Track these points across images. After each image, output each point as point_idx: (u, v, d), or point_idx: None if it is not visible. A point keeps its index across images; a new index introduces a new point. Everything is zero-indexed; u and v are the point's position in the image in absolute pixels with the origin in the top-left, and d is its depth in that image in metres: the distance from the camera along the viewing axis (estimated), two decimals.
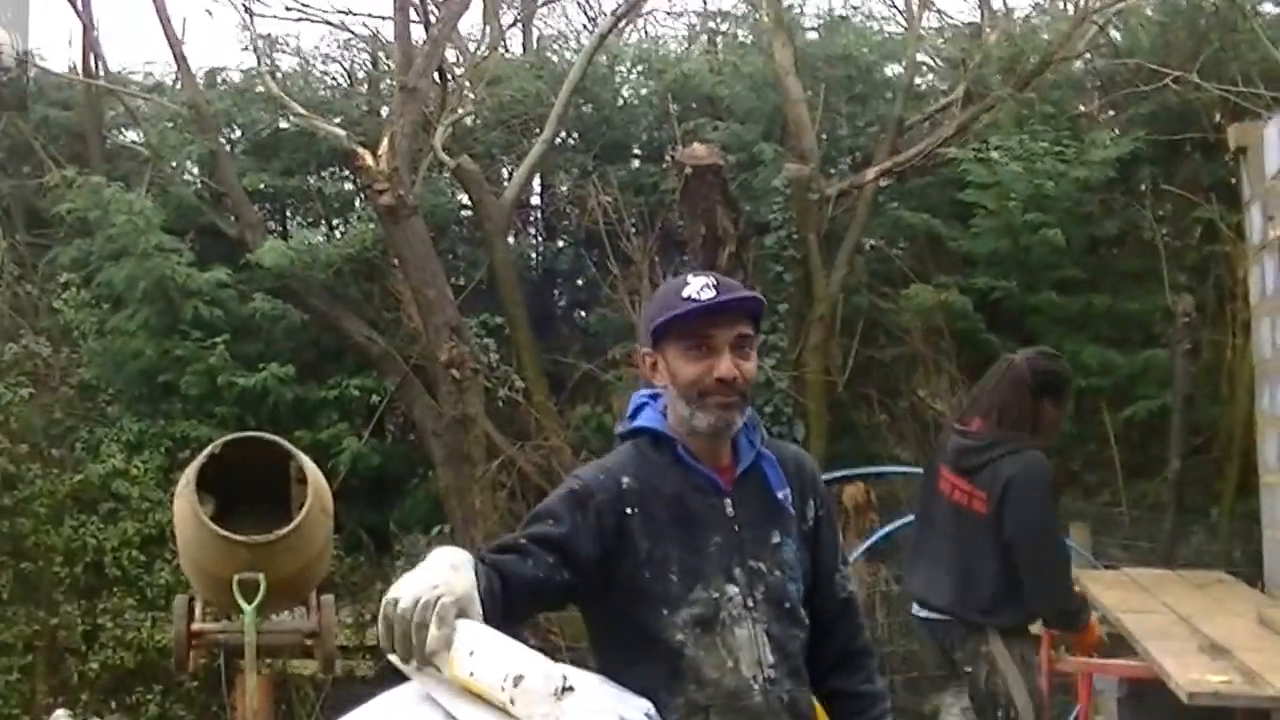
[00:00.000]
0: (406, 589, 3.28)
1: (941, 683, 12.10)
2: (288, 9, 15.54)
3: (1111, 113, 14.38)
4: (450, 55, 14.99)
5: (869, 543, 12.24)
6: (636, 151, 16.15)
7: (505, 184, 14.90)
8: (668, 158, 13.40)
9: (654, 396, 4.09)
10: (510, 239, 15.16)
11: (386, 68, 16.16)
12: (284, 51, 16.52)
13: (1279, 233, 9.57)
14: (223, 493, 8.89)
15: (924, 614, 7.44)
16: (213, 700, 12.32)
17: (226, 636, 9.11)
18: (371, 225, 14.19)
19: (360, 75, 16.65)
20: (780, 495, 4.09)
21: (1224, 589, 9.99)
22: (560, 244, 15.38)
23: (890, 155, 13.73)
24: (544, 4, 16.51)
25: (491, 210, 14.11)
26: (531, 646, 3.38)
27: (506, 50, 16.49)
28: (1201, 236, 14.06)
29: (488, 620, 3.39)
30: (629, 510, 3.87)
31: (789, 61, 13.73)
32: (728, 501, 3.98)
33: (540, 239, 16.13)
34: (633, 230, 14.18)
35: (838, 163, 14.39)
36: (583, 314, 14.91)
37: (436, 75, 14.20)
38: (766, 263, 13.29)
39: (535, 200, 16.02)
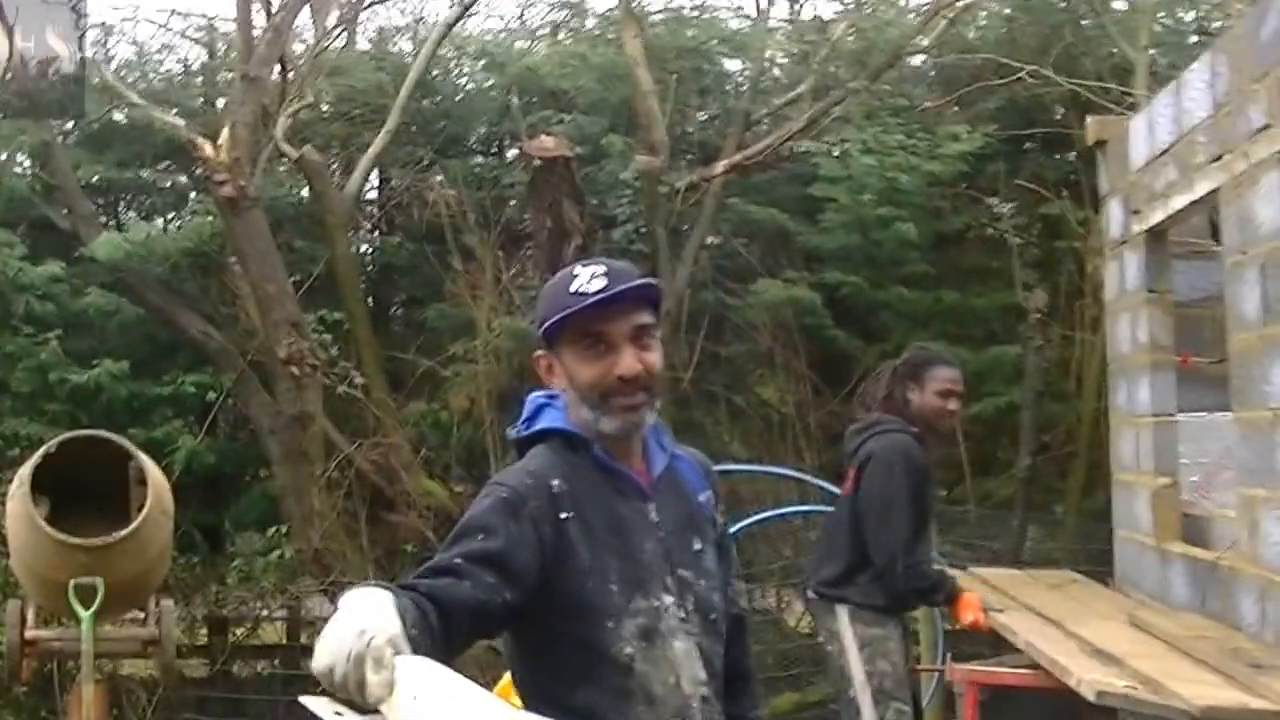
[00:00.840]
0: (331, 649, 2.81)
1: (782, 684, 12.17)
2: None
3: (956, 109, 14.14)
4: (292, 45, 14.43)
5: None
6: (476, 145, 15.82)
7: (344, 177, 14.42)
8: (515, 149, 13.09)
9: (552, 397, 3.70)
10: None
11: (224, 58, 15.60)
12: (120, 41, 15.91)
13: (1145, 226, 9.36)
14: (57, 493, 8.52)
15: (808, 595, 7.68)
16: (43, 705, 11.81)
17: (62, 644, 8.81)
18: (210, 218, 13.70)
19: (196, 66, 16.04)
20: (702, 499, 3.79)
21: (1081, 590, 10.03)
22: (398, 239, 14.83)
23: (738, 149, 13.47)
24: (369, 6, 15.97)
25: (334, 203, 13.63)
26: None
27: (349, 41, 15.95)
28: (1045, 232, 14.00)
29: (428, 654, 2.93)
30: (563, 515, 3.47)
31: (639, 53, 13.34)
32: (651, 507, 3.63)
33: (378, 234, 15.60)
34: (476, 225, 13.71)
35: (684, 157, 13.99)
36: (420, 310, 14.37)
37: (278, 65, 13.73)
38: (614, 257, 12.79)
39: (373, 195, 15.52)
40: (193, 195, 15.07)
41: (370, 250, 15.27)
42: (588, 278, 3.49)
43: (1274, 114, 7.01)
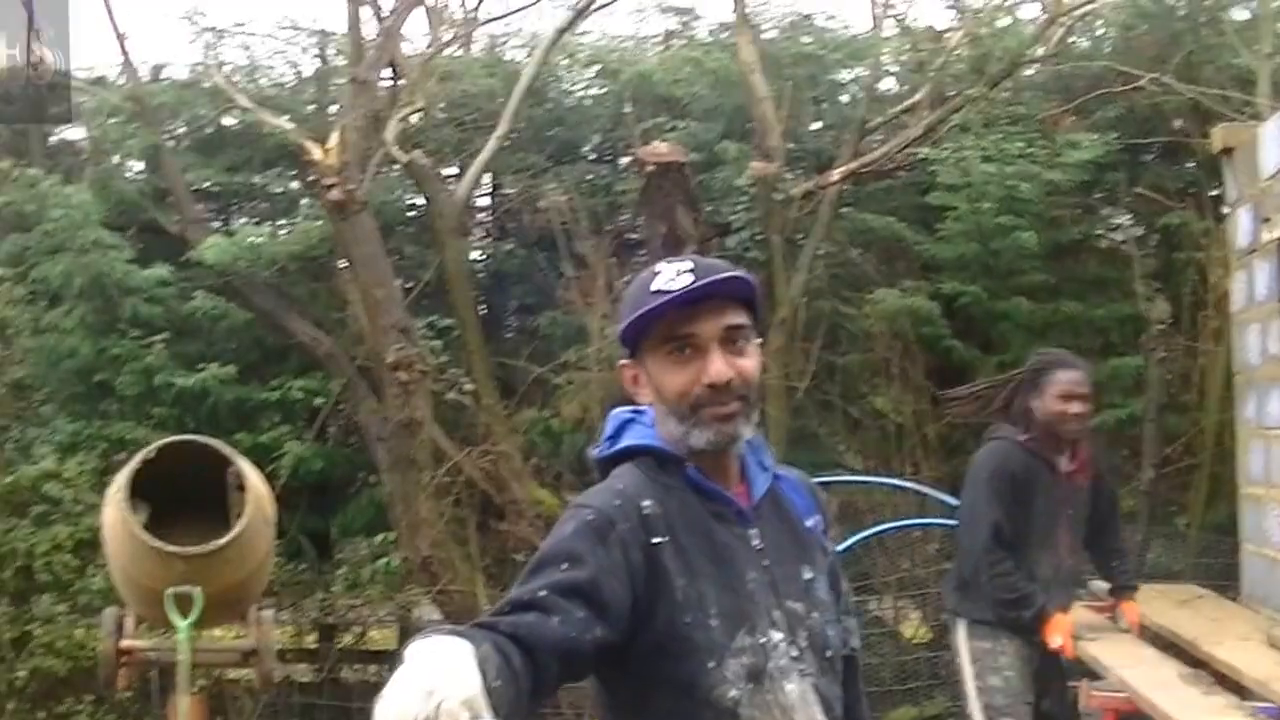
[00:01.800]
0: (394, 713, 2.34)
1: (899, 698, 11.83)
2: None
3: (1074, 118, 13.76)
4: (403, 50, 14.19)
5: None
6: (589, 152, 15.50)
7: (455, 183, 14.12)
8: (629, 155, 12.77)
9: (638, 412, 3.28)
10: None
11: (335, 64, 15.38)
12: (231, 45, 15.72)
13: (1277, 235, 8.94)
14: (157, 499, 8.23)
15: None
16: (145, 711, 11.59)
17: (158, 655, 8.54)
18: (319, 223, 13.47)
19: (308, 72, 15.82)
20: (810, 523, 3.37)
21: (1210, 605, 9.64)
22: (509, 246, 14.54)
23: (853, 157, 13.11)
24: (485, 22, 15.68)
25: (445, 208, 13.33)
26: None
27: (464, 47, 15.68)
28: (1164, 243, 13.67)
29: (513, 709, 2.52)
30: (656, 540, 3.04)
31: (754, 59, 13.06)
32: (753, 532, 3.20)
33: (490, 240, 15.31)
34: (589, 232, 13.39)
35: (799, 164, 13.65)
36: (532, 318, 14.11)
37: (389, 69, 13.47)
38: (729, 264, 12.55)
39: (484, 201, 15.27)
40: (303, 201, 14.91)
41: (482, 257, 14.96)
42: (672, 274, 3.09)
43: None
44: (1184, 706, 6.37)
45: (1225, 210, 10.78)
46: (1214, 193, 13.11)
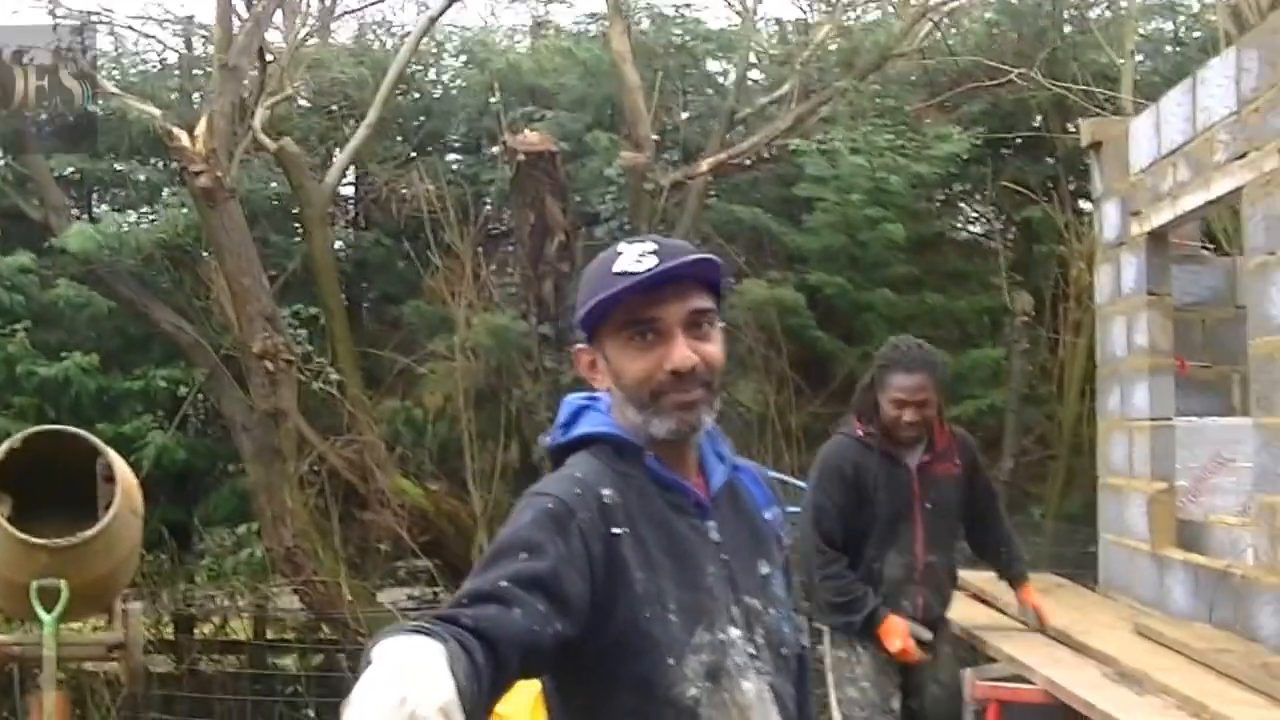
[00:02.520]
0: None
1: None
2: None
3: (939, 112, 13.82)
4: (271, 37, 13.96)
5: None
6: (455, 142, 15.34)
7: (322, 172, 13.94)
8: (496, 146, 12.60)
9: (592, 398, 3.07)
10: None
11: (203, 53, 15.07)
12: (96, 32, 15.37)
13: (1146, 228, 8.94)
14: (21, 491, 8.00)
15: None
16: (4, 705, 11.17)
17: (23, 649, 8.29)
18: (184, 211, 13.20)
19: (174, 59, 15.54)
20: (769, 516, 3.18)
21: (1071, 595, 9.56)
22: (375, 235, 14.34)
23: (722, 148, 13.06)
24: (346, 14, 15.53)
25: (313, 196, 13.16)
26: None
27: (324, 37, 15.46)
28: (1024, 236, 13.79)
29: (475, 708, 2.29)
30: (616, 530, 2.82)
31: (626, 49, 12.93)
32: (711, 525, 2.99)
33: (354, 230, 15.11)
34: (455, 221, 13.21)
35: (668, 155, 13.56)
36: (396, 307, 13.90)
37: (257, 57, 13.21)
38: (597, 254, 12.44)
39: (349, 190, 15.05)
40: (166, 190, 14.48)
41: (346, 246, 14.70)
42: (634, 256, 2.87)
43: None
44: (1125, 708, 6.24)
45: (1091, 204, 10.79)
46: (1073, 187, 13.23)
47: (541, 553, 2.67)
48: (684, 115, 14.50)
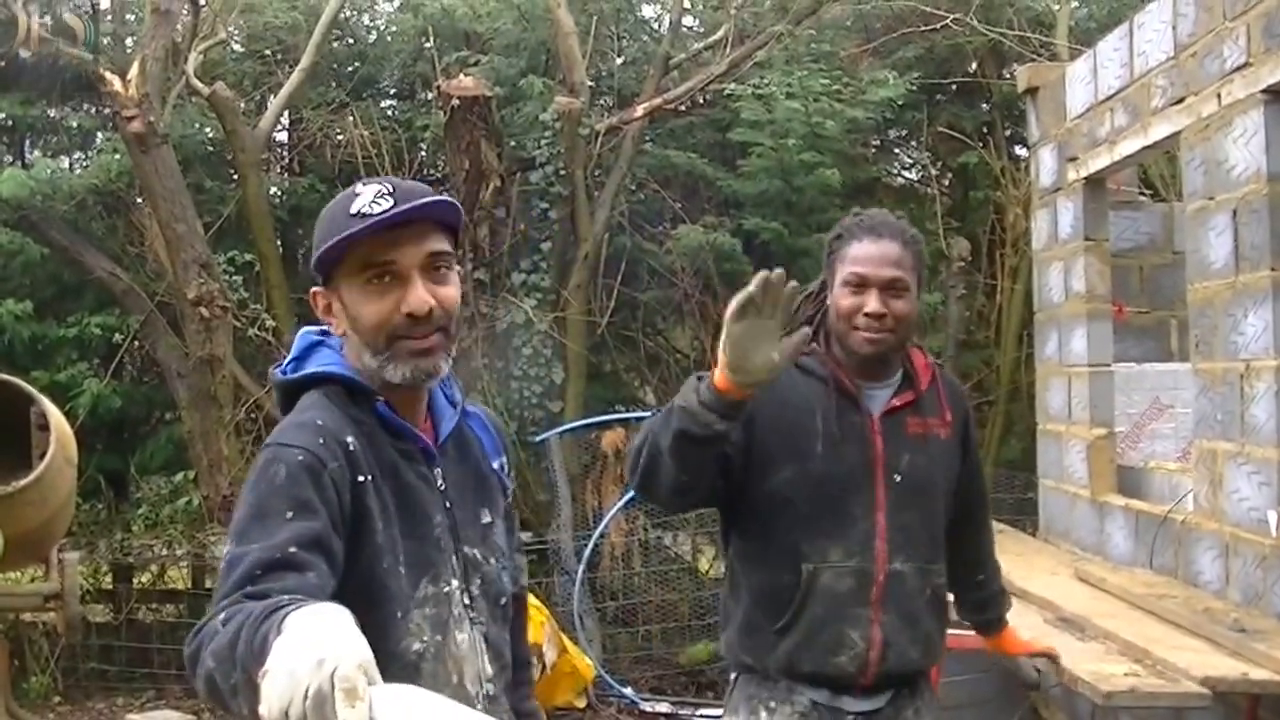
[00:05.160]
0: (283, 687, 1.99)
1: (697, 633, 11.67)
2: None
3: (874, 57, 13.70)
4: None
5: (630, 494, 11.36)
6: (389, 87, 15.10)
7: (256, 117, 13.68)
8: (434, 89, 12.40)
9: (326, 333, 2.97)
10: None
11: None
12: None
13: (1083, 173, 8.86)
14: None
15: None
16: None
17: None
18: (117, 156, 12.94)
19: (106, 2, 15.18)
20: (496, 465, 3.14)
21: (1011, 541, 9.55)
22: (309, 180, 14.04)
23: (657, 93, 12.88)
24: None
25: (246, 141, 12.84)
26: None
27: None
28: (959, 182, 13.70)
29: None
30: (361, 479, 2.73)
31: None
32: (437, 472, 2.93)
33: (288, 175, 14.84)
34: (390, 168, 12.99)
35: (603, 100, 13.38)
36: None
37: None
38: (531, 199, 12.44)
39: (284, 136, 14.72)
40: (101, 134, 14.32)
41: (281, 192, 14.41)
42: (371, 197, 2.78)
43: (1255, 52, 6.44)
44: (1067, 654, 6.08)
45: (1027, 150, 10.72)
46: (1009, 133, 13.14)
47: (313, 511, 2.60)
48: (619, 60, 14.30)
